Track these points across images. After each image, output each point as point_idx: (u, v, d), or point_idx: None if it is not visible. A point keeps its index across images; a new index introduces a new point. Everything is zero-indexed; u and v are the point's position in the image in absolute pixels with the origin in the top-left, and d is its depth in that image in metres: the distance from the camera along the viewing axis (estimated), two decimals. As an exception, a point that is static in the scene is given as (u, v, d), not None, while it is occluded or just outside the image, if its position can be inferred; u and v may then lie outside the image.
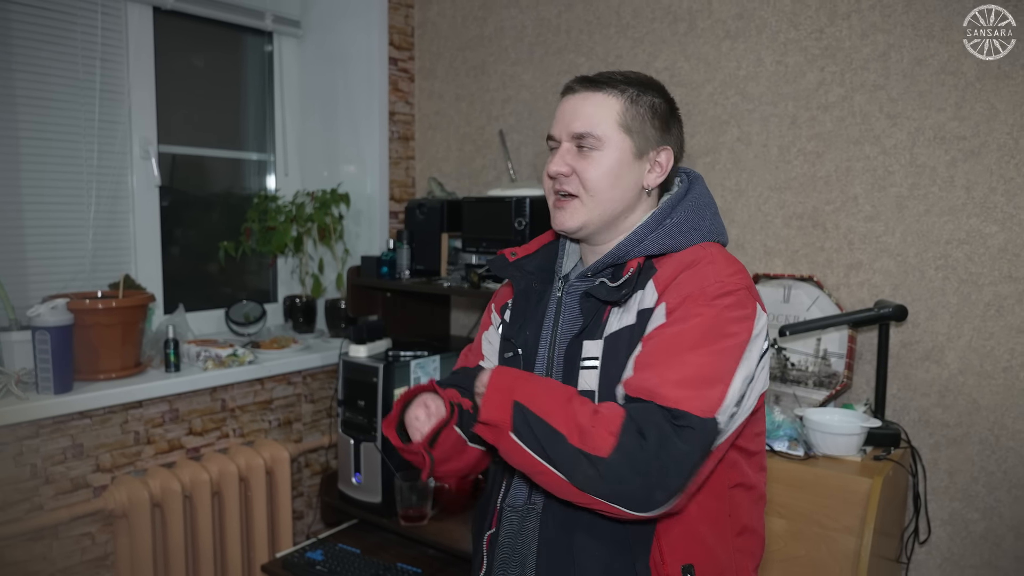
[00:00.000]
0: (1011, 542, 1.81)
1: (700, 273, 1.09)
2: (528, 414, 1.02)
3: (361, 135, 2.77)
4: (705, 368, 1.02)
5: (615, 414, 1.00)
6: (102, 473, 2.07)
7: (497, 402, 1.04)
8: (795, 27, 2.02)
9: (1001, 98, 1.75)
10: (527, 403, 1.02)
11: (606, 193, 1.16)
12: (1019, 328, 1.77)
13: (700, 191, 1.22)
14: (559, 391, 1.05)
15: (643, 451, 0.96)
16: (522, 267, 1.30)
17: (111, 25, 2.30)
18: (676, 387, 1.00)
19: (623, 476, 0.96)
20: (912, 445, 1.88)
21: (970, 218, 1.81)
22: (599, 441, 0.97)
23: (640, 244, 1.16)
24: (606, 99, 1.16)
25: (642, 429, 0.97)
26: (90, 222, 2.30)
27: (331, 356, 2.54)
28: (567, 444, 0.99)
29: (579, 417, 1.00)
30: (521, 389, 1.05)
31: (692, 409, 0.98)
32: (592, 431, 0.98)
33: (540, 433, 1.00)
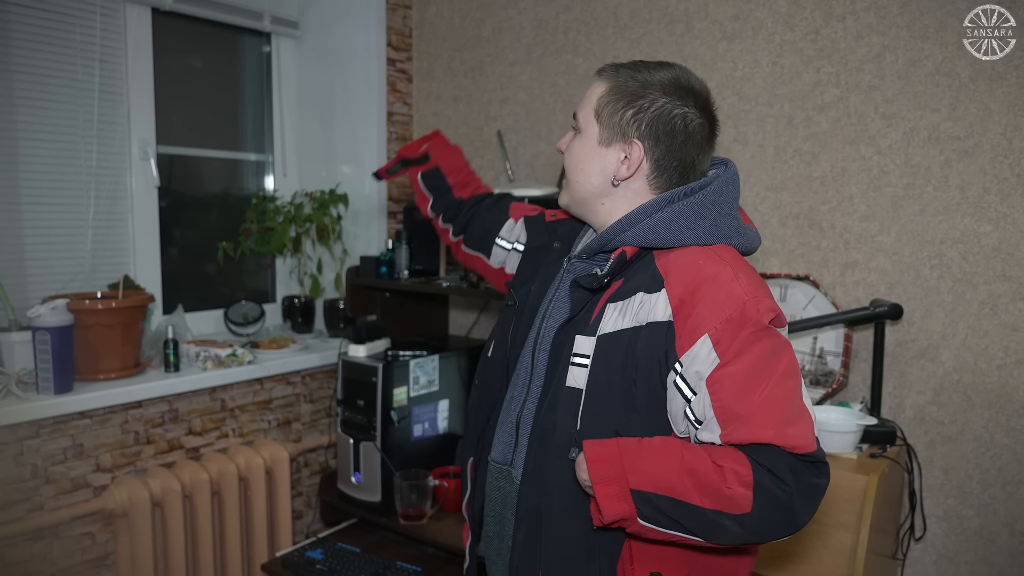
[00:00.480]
0: (1005, 538, 1.83)
1: (731, 292, 1.04)
2: (652, 497, 0.98)
3: (359, 136, 2.78)
4: (787, 401, 1.00)
5: (741, 464, 0.97)
6: (102, 473, 2.08)
7: (613, 496, 0.99)
8: (791, 28, 2.03)
9: (995, 99, 1.77)
10: (644, 486, 0.98)
11: (573, 176, 1.21)
12: (1013, 326, 1.79)
13: (716, 188, 1.14)
14: (668, 456, 1.00)
15: (785, 494, 0.95)
16: (554, 229, 1.37)
17: (110, 26, 2.31)
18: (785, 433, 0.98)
19: (772, 521, 0.96)
20: (908, 442, 1.89)
21: (964, 218, 1.83)
22: (738, 499, 0.95)
23: (622, 233, 1.14)
24: (598, 85, 1.18)
25: (776, 473, 0.96)
26: (89, 223, 2.30)
27: (330, 356, 2.55)
28: (703, 512, 0.97)
29: (705, 480, 0.97)
30: (632, 472, 0.99)
31: (808, 446, 0.98)
32: (726, 491, 0.96)
33: (671, 512, 0.98)
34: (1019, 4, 1.74)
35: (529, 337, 1.25)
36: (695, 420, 1.04)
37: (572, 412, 1.11)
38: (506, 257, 1.53)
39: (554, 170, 2.49)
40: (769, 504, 0.95)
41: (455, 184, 1.67)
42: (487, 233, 1.56)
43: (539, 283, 1.29)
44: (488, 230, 1.56)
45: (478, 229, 1.58)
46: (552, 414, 1.13)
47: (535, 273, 1.31)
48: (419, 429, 2.36)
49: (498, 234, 1.54)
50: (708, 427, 1.02)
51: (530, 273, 1.32)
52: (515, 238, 1.51)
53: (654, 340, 1.07)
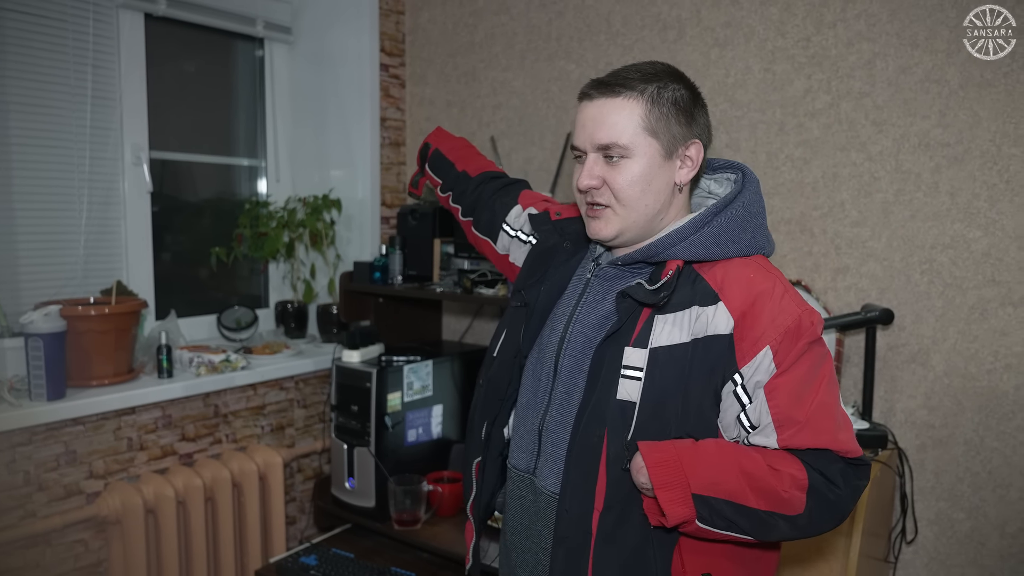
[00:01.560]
0: (996, 541, 1.84)
1: (785, 306, 1.09)
2: (711, 502, 1.03)
3: (352, 141, 2.78)
4: (834, 406, 1.08)
5: (797, 469, 1.05)
6: (95, 479, 2.07)
7: (676, 501, 1.03)
8: (782, 35, 2.05)
9: (984, 105, 1.79)
10: (705, 491, 1.03)
11: (639, 200, 1.15)
12: (1002, 331, 1.80)
13: (748, 199, 1.17)
14: (727, 460, 1.05)
15: (836, 496, 1.04)
16: (562, 228, 1.34)
17: (103, 32, 2.31)
18: (838, 439, 1.06)
19: (822, 522, 1.05)
20: (899, 446, 1.91)
21: (954, 223, 1.85)
22: (793, 502, 1.03)
23: (673, 247, 1.14)
24: (627, 103, 1.13)
25: (829, 477, 1.04)
26: (82, 228, 2.30)
27: (323, 361, 2.55)
28: (759, 513, 1.03)
29: (762, 483, 1.03)
30: (692, 477, 1.03)
31: (856, 450, 1.07)
32: (782, 495, 1.02)
33: (729, 515, 1.03)
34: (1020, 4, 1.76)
35: (546, 340, 1.24)
36: (749, 425, 1.09)
37: (624, 425, 1.11)
38: (509, 244, 1.53)
39: (547, 175, 2.50)
40: (820, 506, 1.03)
41: (456, 160, 1.67)
42: (495, 217, 1.55)
43: (550, 284, 1.28)
44: (496, 214, 1.55)
45: (487, 214, 1.57)
46: (598, 427, 1.12)
47: (544, 274, 1.29)
48: (413, 434, 2.36)
49: (504, 219, 1.54)
50: (763, 432, 1.08)
51: (540, 274, 1.30)
52: (519, 227, 1.51)
53: (712, 353, 1.09)
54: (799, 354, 1.07)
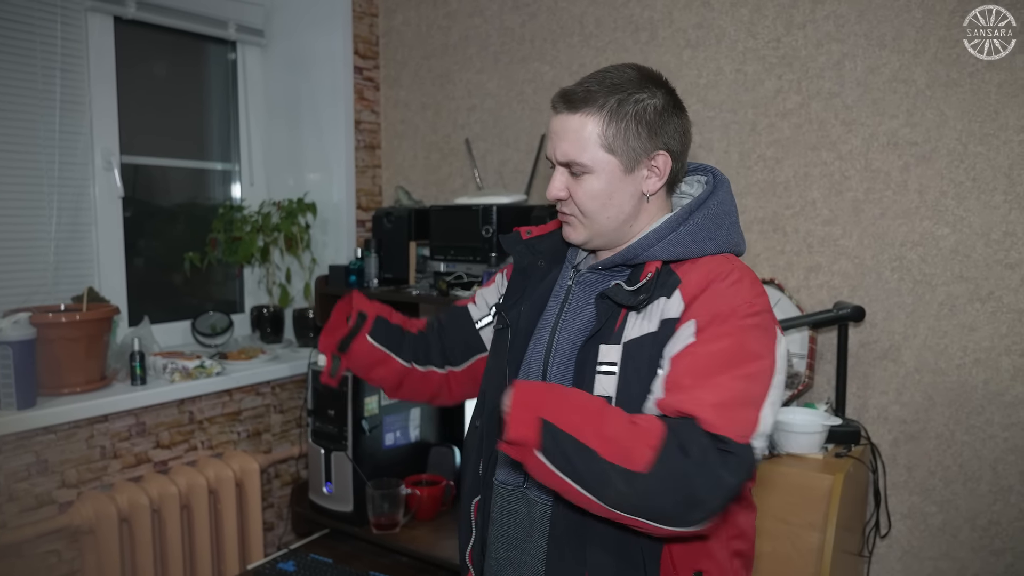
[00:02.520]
0: (967, 533, 1.87)
1: (731, 291, 1.08)
2: (556, 432, 0.97)
3: (327, 144, 2.77)
4: (740, 393, 1.01)
5: (655, 426, 0.97)
6: (67, 489, 2.04)
7: (522, 420, 0.98)
8: (753, 36, 2.07)
9: (950, 105, 1.82)
10: (554, 419, 0.98)
11: (600, 213, 1.16)
12: (971, 326, 1.83)
13: (721, 198, 1.19)
14: (590, 404, 1.02)
15: (685, 466, 0.94)
16: (533, 246, 1.32)
17: (71, 35, 2.28)
18: (714, 410, 0.98)
19: (661, 491, 0.94)
20: (872, 442, 1.93)
21: (923, 221, 1.87)
22: (636, 455, 0.94)
23: (651, 248, 1.15)
24: (584, 121, 1.13)
25: (684, 445, 0.95)
26: (52, 234, 2.26)
27: (300, 366, 2.53)
28: (599, 460, 0.95)
29: (613, 430, 0.97)
30: (548, 405, 1.00)
31: (731, 435, 0.97)
32: (629, 444, 0.95)
33: (570, 450, 0.96)
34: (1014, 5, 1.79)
35: (532, 354, 1.24)
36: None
37: None
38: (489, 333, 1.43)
39: (522, 177, 2.51)
40: (666, 472, 0.94)
41: (402, 322, 1.47)
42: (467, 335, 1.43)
43: (531, 303, 1.26)
44: (466, 331, 1.43)
45: (459, 344, 1.44)
46: None
47: (524, 293, 1.29)
48: (391, 438, 2.35)
49: (475, 323, 1.43)
50: (653, 396, 1.06)
51: (519, 293, 1.29)
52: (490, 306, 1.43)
53: (663, 336, 1.10)
54: (724, 334, 1.04)
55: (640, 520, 0.96)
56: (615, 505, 0.96)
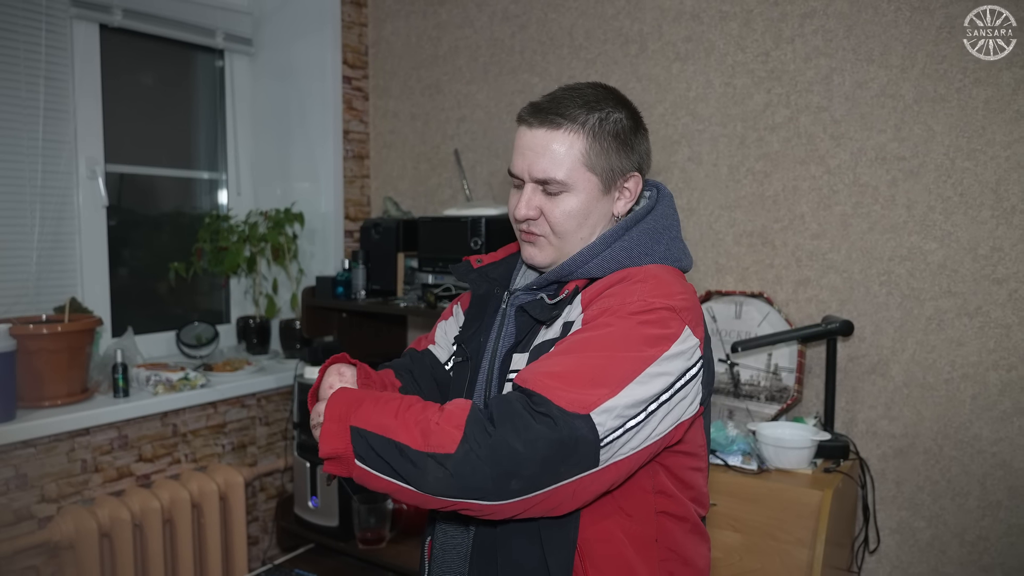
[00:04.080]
0: (956, 549, 1.87)
1: (626, 290, 1.05)
2: (367, 436, 0.95)
3: (315, 154, 2.75)
4: (589, 368, 0.96)
5: (460, 408, 0.96)
6: (47, 504, 2.00)
7: (334, 432, 0.97)
8: (742, 50, 2.07)
9: (938, 120, 1.82)
10: (363, 424, 0.96)
11: (574, 233, 1.13)
12: (959, 341, 1.83)
13: (662, 212, 1.15)
14: (395, 402, 1.00)
15: (491, 437, 0.92)
16: (486, 274, 1.28)
17: (56, 43, 2.25)
18: (547, 377, 0.96)
19: (473, 468, 0.91)
20: (860, 456, 1.93)
21: (911, 235, 1.88)
22: (444, 438, 0.93)
23: (584, 265, 1.11)
24: (567, 137, 1.09)
25: (492, 416, 0.94)
26: (34, 244, 2.23)
27: (286, 378, 2.51)
28: (410, 451, 0.93)
29: (420, 420, 0.95)
30: (356, 412, 0.98)
31: (556, 400, 0.93)
32: (436, 429, 0.93)
33: (383, 451, 0.94)
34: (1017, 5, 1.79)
35: (478, 384, 1.20)
36: None
37: None
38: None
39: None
40: (473, 445, 0.92)
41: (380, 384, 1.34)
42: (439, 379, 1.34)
43: (484, 331, 1.23)
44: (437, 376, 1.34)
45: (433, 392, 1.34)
46: None
47: (482, 323, 1.25)
48: (377, 451, 2.33)
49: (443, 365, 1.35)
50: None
51: (478, 323, 1.25)
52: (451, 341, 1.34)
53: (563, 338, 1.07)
54: (602, 324, 1.01)
55: (466, 502, 0.94)
56: (437, 492, 0.93)
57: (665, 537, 1.10)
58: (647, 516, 1.09)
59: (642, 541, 1.08)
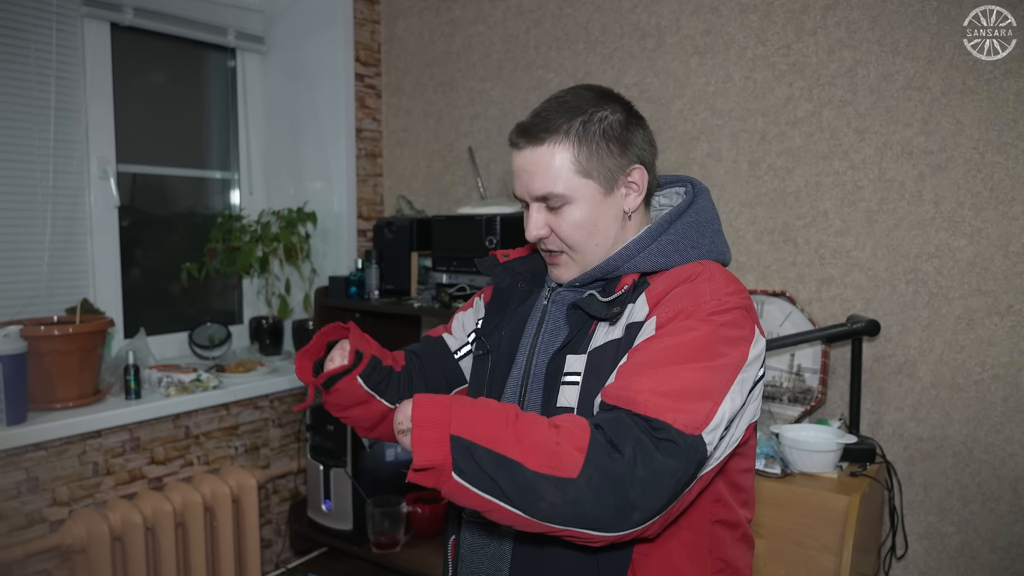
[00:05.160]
0: (986, 555, 1.81)
1: (696, 289, 1.02)
2: (471, 447, 0.85)
3: (328, 152, 2.72)
4: (694, 382, 0.92)
5: (579, 427, 0.88)
6: (59, 507, 1.99)
7: (430, 440, 0.86)
8: (763, 43, 2.02)
9: (966, 113, 1.77)
10: (467, 434, 0.86)
11: (588, 242, 1.11)
12: (989, 341, 1.78)
13: (702, 205, 1.14)
14: (501, 411, 0.90)
15: (617, 465, 0.84)
16: (512, 269, 1.25)
17: (67, 42, 2.24)
18: (658, 396, 0.89)
19: (596, 496, 0.84)
20: (887, 460, 1.87)
21: (939, 232, 1.82)
22: (566, 460, 0.84)
23: (632, 260, 1.09)
24: (553, 150, 1.07)
25: (614, 440, 0.86)
26: (46, 245, 2.22)
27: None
28: (525, 471, 0.84)
29: (535, 436, 0.86)
30: (456, 418, 0.88)
31: (674, 422, 0.87)
32: (555, 449, 0.85)
33: (490, 467, 0.85)
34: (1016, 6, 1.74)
35: (510, 380, 1.18)
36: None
37: None
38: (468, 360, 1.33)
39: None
40: (598, 473, 0.84)
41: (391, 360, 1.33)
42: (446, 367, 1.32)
43: (511, 327, 1.21)
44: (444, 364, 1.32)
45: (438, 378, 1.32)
46: None
47: (504, 317, 1.23)
48: (391, 454, 2.30)
49: (454, 354, 1.32)
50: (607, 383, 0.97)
51: (499, 317, 1.23)
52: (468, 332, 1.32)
53: (630, 341, 1.03)
54: (686, 328, 0.97)
55: (576, 531, 0.86)
56: (547, 518, 0.85)
57: (718, 547, 1.07)
58: (703, 526, 1.06)
59: (696, 552, 1.05)
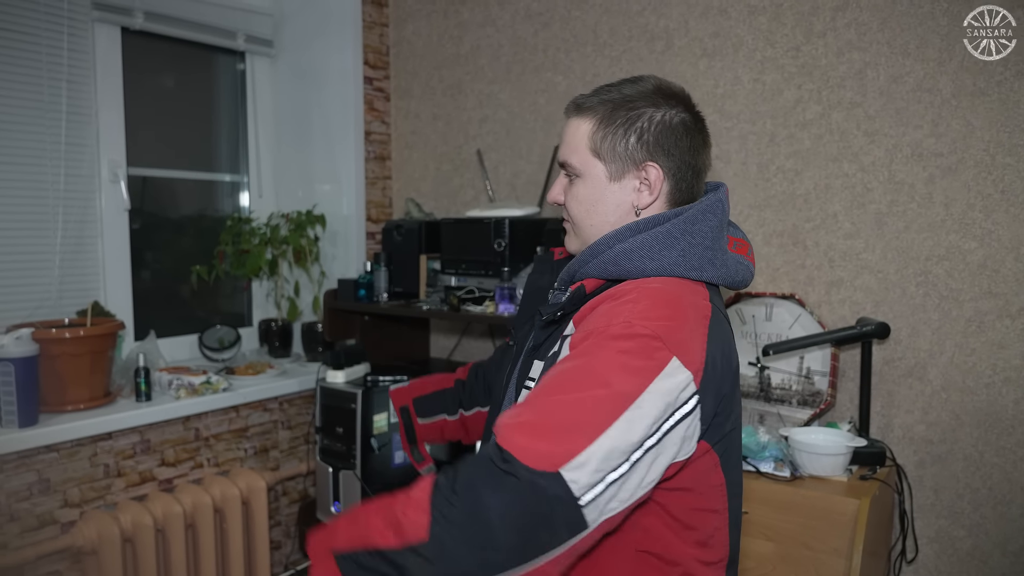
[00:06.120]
0: (997, 559, 1.80)
1: (615, 310, 0.95)
2: (348, 556, 0.87)
3: (337, 155, 2.73)
4: (562, 415, 0.86)
5: (422, 490, 0.86)
6: (70, 508, 2.00)
7: (323, 570, 0.89)
8: (771, 45, 2.02)
9: (977, 115, 1.76)
10: (342, 545, 0.89)
11: (584, 220, 1.11)
12: (1000, 344, 1.77)
13: (694, 214, 1.04)
14: (367, 508, 0.92)
15: (456, 511, 0.82)
16: (553, 268, 1.27)
17: (78, 46, 2.25)
18: (513, 429, 0.86)
19: (449, 550, 0.82)
20: (897, 463, 1.86)
21: (949, 234, 1.81)
22: (414, 526, 0.83)
23: (585, 265, 1.06)
24: (580, 124, 1.09)
25: (455, 486, 0.84)
26: (56, 248, 2.23)
27: (308, 381, 2.49)
28: (391, 553, 0.84)
29: (388, 516, 0.87)
30: (333, 538, 0.91)
31: (521, 456, 0.82)
32: (404, 519, 0.84)
33: (368, 563, 0.85)
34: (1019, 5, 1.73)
35: (512, 378, 1.19)
36: None
37: None
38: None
39: (535, 189, 2.46)
40: (442, 526, 0.82)
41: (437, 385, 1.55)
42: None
43: (532, 322, 1.21)
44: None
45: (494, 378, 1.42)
46: None
47: (528, 315, 1.24)
48: (400, 456, 2.30)
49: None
50: None
51: (528, 313, 1.24)
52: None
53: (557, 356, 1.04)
54: (581, 353, 0.92)
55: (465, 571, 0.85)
56: None
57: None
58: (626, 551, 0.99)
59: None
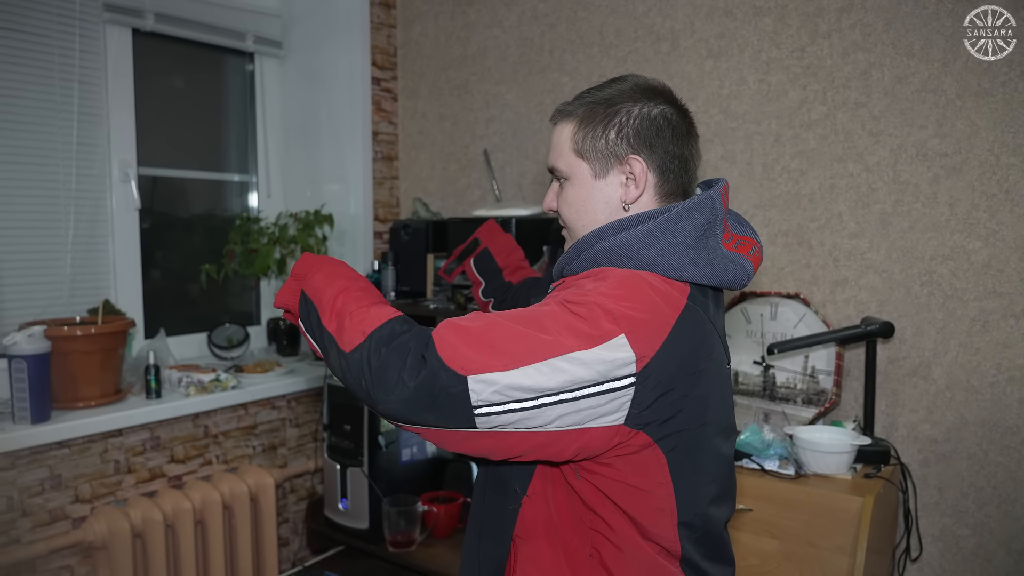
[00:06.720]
0: (1002, 558, 1.81)
1: (583, 283, 1.00)
2: (309, 305, 1.06)
3: (345, 155, 2.75)
4: (496, 336, 0.92)
5: (380, 317, 0.99)
6: (81, 504, 2.02)
7: (290, 289, 1.10)
8: (777, 46, 2.03)
9: (981, 115, 1.77)
10: (311, 293, 1.06)
11: (576, 222, 1.12)
12: (1005, 343, 1.77)
13: (674, 215, 1.01)
14: (342, 281, 1.06)
15: (375, 359, 0.94)
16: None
17: (89, 47, 2.28)
18: (449, 327, 0.94)
19: (357, 374, 0.96)
20: (902, 462, 1.87)
21: (954, 234, 1.82)
22: (349, 336, 0.98)
23: (568, 263, 1.08)
24: (563, 128, 1.11)
25: (391, 341, 0.95)
26: (68, 247, 2.26)
27: (316, 379, 2.51)
28: (326, 334, 1.02)
29: (344, 310, 1.02)
30: (312, 278, 1.07)
31: (441, 350, 0.91)
32: (348, 324, 0.99)
33: (315, 325, 1.04)
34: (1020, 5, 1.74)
35: None
36: None
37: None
38: None
39: (541, 189, 2.48)
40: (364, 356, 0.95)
41: (505, 266, 1.64)
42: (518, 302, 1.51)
43: None
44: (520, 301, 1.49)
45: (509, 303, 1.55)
46: None
47: None
48: (407, 453, 2.32)
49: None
50: None
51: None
52: None
53: None
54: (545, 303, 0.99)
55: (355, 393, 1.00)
56: (335, 373, 1.03)
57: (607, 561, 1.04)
58: (579, 525, 1.06)
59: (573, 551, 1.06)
